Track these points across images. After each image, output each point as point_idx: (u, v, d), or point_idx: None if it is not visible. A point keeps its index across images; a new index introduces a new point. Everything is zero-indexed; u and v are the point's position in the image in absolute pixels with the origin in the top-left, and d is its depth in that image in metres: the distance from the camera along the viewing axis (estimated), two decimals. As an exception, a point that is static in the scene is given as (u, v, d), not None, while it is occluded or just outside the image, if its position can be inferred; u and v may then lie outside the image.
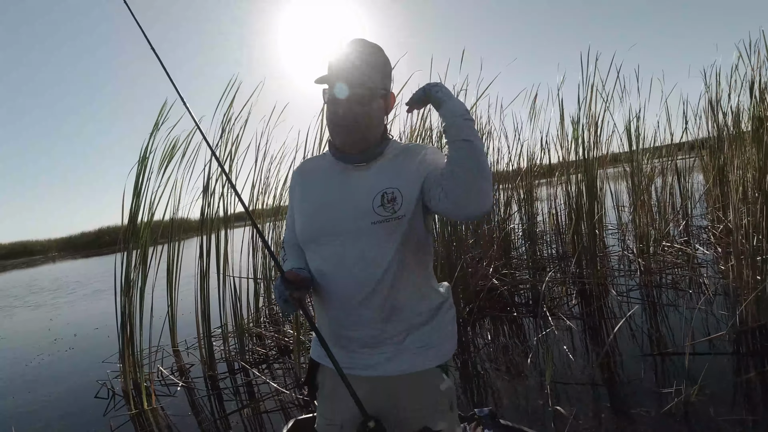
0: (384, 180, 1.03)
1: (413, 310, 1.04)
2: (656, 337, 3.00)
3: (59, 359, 4.44)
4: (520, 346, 3.22)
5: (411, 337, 1.04)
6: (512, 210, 4.98)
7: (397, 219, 1.00)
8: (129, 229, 3.14)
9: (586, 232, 4.11)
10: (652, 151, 5.32)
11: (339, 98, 1.01)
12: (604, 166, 4.71)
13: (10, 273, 18.66)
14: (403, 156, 1.06)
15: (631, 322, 3.27)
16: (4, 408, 3.33)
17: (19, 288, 11.82)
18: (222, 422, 2.70)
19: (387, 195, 1.00)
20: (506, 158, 5.10)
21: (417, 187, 1.02)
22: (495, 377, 2.80)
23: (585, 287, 4.02)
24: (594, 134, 4.18)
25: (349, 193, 1.04)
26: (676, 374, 2.42)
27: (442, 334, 1.08)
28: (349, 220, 1.02)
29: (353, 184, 1.05)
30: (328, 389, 1.12)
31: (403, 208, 1.00)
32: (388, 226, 1.00)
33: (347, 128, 1.02)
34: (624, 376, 2.55)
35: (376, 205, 1.00)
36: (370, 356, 1.03)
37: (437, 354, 1.06)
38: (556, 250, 5.18)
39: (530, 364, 2.85)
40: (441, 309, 1.09)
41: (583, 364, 2.76)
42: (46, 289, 10.69)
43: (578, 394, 2.40)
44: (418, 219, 1.03)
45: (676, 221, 5.26)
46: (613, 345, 2.95)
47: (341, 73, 1.00)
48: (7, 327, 6.66)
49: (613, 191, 5.58)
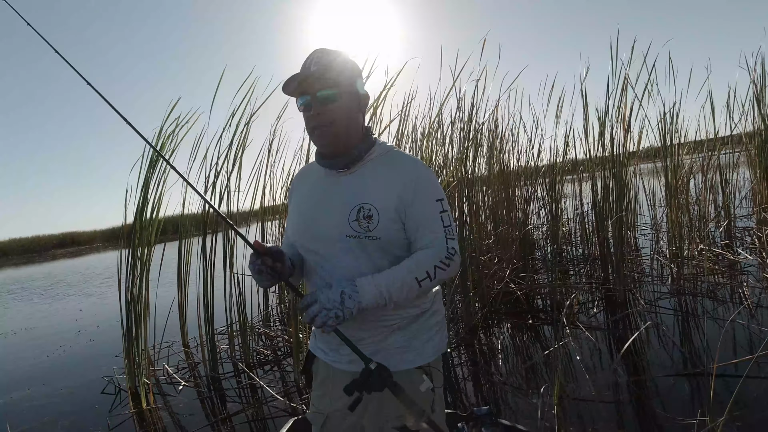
0: (363, 192, 1.04)
1: (388, 320, 1.07)
2: (688, 352, 2.71)
3: (78, 351, 4.56)
4: (533, 356, 3.01)
5: (391, 338, 1.07)
6: (533, 209, 4.70)
7: (370, 239, 1.02)
8: (136, 225, 3.13)
9: (612, 233, 3.80)
10: (692, 145, 4.88)
11: (307, 104, 1.04)
12: (635, 161, 4.36)
13: (61, 261, 19.68)
14: (389, 169, 1.06)
15: (660, 333, 2.99)
16: (18, 399, 3.42)
17: (76, 275, 12.24)
18: (218, 425, 2.65)
19: (363, 211, 1.02)
20: (525, 153, 4.81)
21: (396, 216, 1.03)
22: (503, 390, 2.61)
23: (611, 293, 3.73)
24: (623, 127, 3.85)
25: (329, 201, 1.08)
26: (704, 397, 2.15)
27: (424, 337, 1.10)
28: (327, 227, 1.06)
29: (335, 191, 1.08)
30: (319, 380, 1.19)
31: (378, 230, 1.02)
32: (361, 242, 1.02)
33: (323, 129, 1.04)
34: (647, 396, 2.30)
35: (352, 219, 1.02)
36: (352, 353, 1.02)
37: (418, 355, 1.08)
38: (582, 252, 4.86)
39: (541, 377, 2.64)
40: (423, 315, 1.11)
41: (602, 379, 2.52)
42: (100, 275, 11.06)
43: (591, 413, 2.18)
44: (397, 237, 1.05)
45: (717, 222, 4.81)
46: (636, 360, 2.69)
47: (303, 82, 1.03)
48: (40, 316, 6.95)
49: (648, 189, 5.18)
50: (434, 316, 1.13)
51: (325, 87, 1.02)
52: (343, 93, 1.04)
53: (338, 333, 0.98)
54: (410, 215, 1.03)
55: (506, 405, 2.42)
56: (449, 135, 3.93)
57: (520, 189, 4.67)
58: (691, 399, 2.23)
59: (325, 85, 1.02)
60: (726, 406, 1.88)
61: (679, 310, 3.38)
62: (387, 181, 1.04)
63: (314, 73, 1.02)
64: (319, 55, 1.04)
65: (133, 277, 3.09)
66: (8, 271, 18.02)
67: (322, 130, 1.04)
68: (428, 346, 1.10)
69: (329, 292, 0.96)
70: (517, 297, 3.82)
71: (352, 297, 0.96)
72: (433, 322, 1.13)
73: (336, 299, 0.95)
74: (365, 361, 0.97)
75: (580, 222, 4.94)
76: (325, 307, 0.95)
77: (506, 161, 4.57)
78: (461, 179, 3.73)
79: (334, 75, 1.03)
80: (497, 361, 3.01)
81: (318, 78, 1.02)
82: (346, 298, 0.95)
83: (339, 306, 0.95)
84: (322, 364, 1.17)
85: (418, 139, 4.02)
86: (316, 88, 1.02)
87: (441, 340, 1.14)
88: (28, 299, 8.81)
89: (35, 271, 16.35)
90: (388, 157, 1.09)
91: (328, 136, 1.05)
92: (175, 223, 3.58)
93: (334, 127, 1.04)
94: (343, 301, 0.95)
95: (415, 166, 1.06)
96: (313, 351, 1.21)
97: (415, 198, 1.03)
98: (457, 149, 3.84)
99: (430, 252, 1.02)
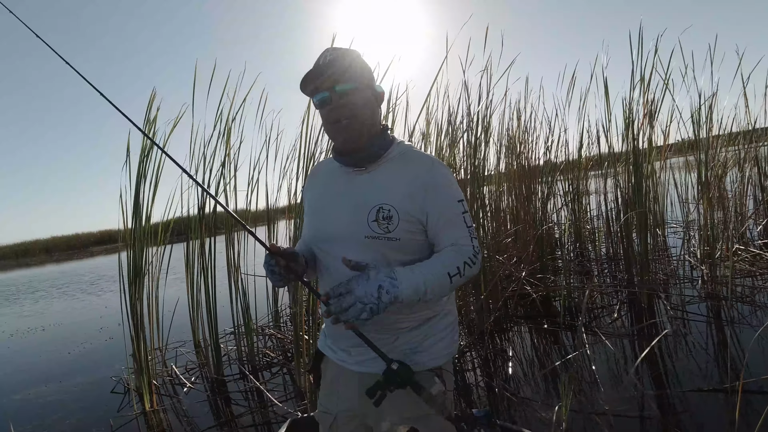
0: (382, 192, 1.02)
1: (398, 323, 1.05)
2: (721, 364, 2.48)
3: (96, 349, 4.65)
4: (546, 364, 2.83)
5: (401, 339, 1.06)
6: (552, 207, 4.47)
7: (389, 240, 1.00)
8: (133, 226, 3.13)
9: (637, 231, 3.55)
10: (727, 138, 4.51)
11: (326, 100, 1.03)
12: (663, 155, 4.06)
13: (98, 258, 20.43)
14: (408, 169, 1.04)
15: (688, 342, 2.76)
16: (34, 396, 3.50)
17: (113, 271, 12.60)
18: (221, 428, 2.61)
19: (383, 212, 1.00)
20: (542, 148, 4.58)
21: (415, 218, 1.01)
22: (510, 401, 2.45)
23: (636, 297, 3.49)
24: (650, 119, 3.59)
25: (346, 200, 1.06)
26: (730, 414, 1.94)
27: (435, 339, 1.08)
28: (343, 227, 1.05)
29: (352, 190, 1.07)
30: (328, 380, 1.18)
31: (397, 231, 1.00)
32: (380, 243, 1.00)
33: (344, 123, 1.03)
34: (671, 413, 2.10)
35: (371, 219, 1.01)
36: (362, 354, 1.05)
37: (429, 357, 1.06)
38: (606, 252, 4.60)
39: (554, 387, 2.47)
40: (435, 317, 1.10)
41: (621, 392, 2.33)
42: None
43: (607, 428, 2.01)
44: (415, 239, 1.03)
45: (755, 219, 4.45)
46: (661, 371, 2.48)
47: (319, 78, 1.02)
48: (66, 313, 7.18)
49: (679, 184, 4.85)
50: (446, 318, 1.12)
51: (343, 81, 1.02)
52: (361, 86, 1.04)
53: (359, 334, 0.96)
54: (432, 216, 1.02)
55: (513, 415, 2.27)
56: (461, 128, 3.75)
57: (542, 185, 4.44)
58: (719, 417, 2.02)
59: (342, 79, 1.02)
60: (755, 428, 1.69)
61: (711, 316, 3.12)
62: (406, 182, 1.02)
63: (330, 68, 1.02)
64: (332, 52, 1.05)
65: (135, 278, 3.09)
66: (50, 267, 18.86)
67: (343, 123, 1.03)
68: (440, 347, 1.09)
69: (366, 284, 0.90)
70: (533, 300, 3.63)
71: (389, 291, 0.91)
72: (446, 323, 1.11)
73: (373, 293, 0.90)
74: (387, 361, 0.96)
75: (604, 220, 4.67)
76: (361, 300, 0.89)
77: (526, 154, 4.36)
78: (474, 174, 3.56)
79: (350, 69, 1.03)
80: (507, 367, 2.85)
81: (335, 73, 1.02)
82: (383, 293, 0.90)
83: (375, 300, 0.89)
84: (330, 363, 1.16)
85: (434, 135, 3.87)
86: (334, 82, 1.02)
87: (452, 342, 1.13)
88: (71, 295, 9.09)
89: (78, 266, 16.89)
90: (406, 157, 1.07)
91: (350, 131, 1.03)
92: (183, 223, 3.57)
93: (356, 120, 1.03)
94: (380, 296, 0.90)
95: (433, 166, 1.05)
96: (322, 350, 1.20)
97: (436, 199, 1.02)
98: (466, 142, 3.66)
99: (458, 249, 1.01)
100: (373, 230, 1.00)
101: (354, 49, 1.09)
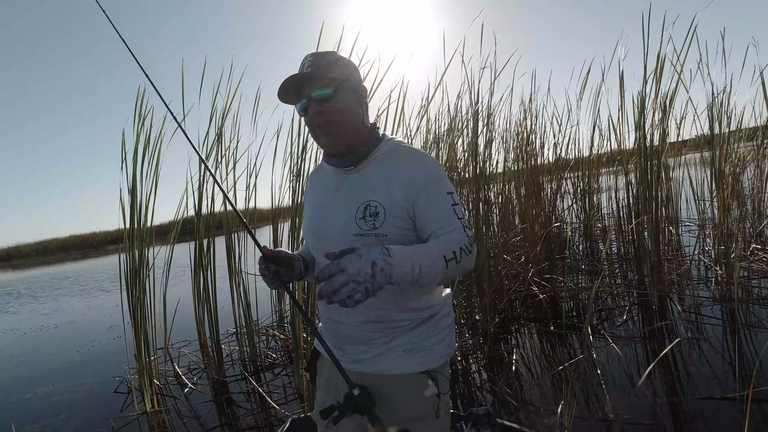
0: (369, 189, 1.03)
1: (396, 322, 1.05)
2: (737, 370, 2.38)
3: (103, 348, 4.69)
4: (549, 367, 2.75)
5: (397, 339, 1.05)
6: (561, 206, 4.36)
7: (376, 236, 0.99)
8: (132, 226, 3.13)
9: (649, 229, 3.43)
10: (745, 133, 4.34)
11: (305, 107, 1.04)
12: (676, 151, 3.92)
13: (113, 256, 20.77)
14: (396, 165, 1.04)
15: (701, 347, 2.65)
16: (41, 395, 3.53)
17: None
18: (221, 430, 2.59)
19: (370, 208, 1.01)
20: (551, 144, 4.46)
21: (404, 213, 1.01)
22: (515, 404, 2.39)
23: (647, 299, 3.38)
24: (662, 114, 3.46)
25: (337, 200, 1.07)
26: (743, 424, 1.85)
27: (432, 341, 1.07)
28: (334, 227, 1.05)
29: (342, 190, 1.07)
30: (324, 378, 1.19)
31: (384, 227, 0.99)
32: (368, 240, 0.99)
33: (325, 129, 1.04)
34: (681, 421, 2.02)
35: (358, 216, 1.01)
36: (359, 353, 1.06)
37: (424, 359, 1.05)
38: (617, 251, 4.47)
39: (559, 392, 2.40)
40: (432, 318, 1.09)
41: (628, 399, 2.25)
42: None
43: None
44: (403, 235, 1.02)
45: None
46: (672, 377, 2.39)
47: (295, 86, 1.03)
48: (81, 311, 7.27)
49: (694, 181, 4.69)
50: (444, 320, 1.11)
51: (318, 86, 1.02)
52: (338, 89, 1.03)
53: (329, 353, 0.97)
54: (421, 210, 1.01)
55: (517, 419, 2.20)
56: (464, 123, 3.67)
57: (551, 182, 4.34)
58: (732, 427, 1.92)
59: (318, 85, 1.02)
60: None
61: (726, 319, 3.00)
62: (394, 178, 1.02)
63: (306, 75, 1.01)
64: (309, 58, 1.05)
65: (136, 277, 3.09)
66: (69, 265, 19.19)
67: (323, 129, 1.04)
68: (436, 349, 1.07)
69: (359, 261, 0.81)
70: (540, 301, 3.54)
71: (384, 270, 0.82)
72: (443, 325, 1.10)
73: (367, 271, 0.81)
74: (350, 385, 0.96)
75: (615, 218, 4.55)
76: (355, 279, 0.80)
77: (534, 149, 4.25)
78: (480, 172, 3.49)
79: (327, 73, 1.02)
80: (511, 370, 2.78)
81: (310, 79, 1.02)
82: (378, 271, 0.81)
83: (370, 279, 0.81)
84: (327, 361, 1.16)
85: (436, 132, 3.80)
86: (311, 89, 1.02)
87: (449, 344, 1.11)
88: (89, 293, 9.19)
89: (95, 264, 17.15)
90: (395, 153, 1.06)
91: (332, 135, 1.04)
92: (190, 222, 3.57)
93: (336, 125, 1.03)
94: (374, 273, 0.81)
95: (422, 161, 1.04)
96: (318, 348, 1.20)
97: (424, 193, 1.00)
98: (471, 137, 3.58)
99: (453, 236, 0.97)
100: (360, 227, 1.00)
101: (333, 51, 1.09)
